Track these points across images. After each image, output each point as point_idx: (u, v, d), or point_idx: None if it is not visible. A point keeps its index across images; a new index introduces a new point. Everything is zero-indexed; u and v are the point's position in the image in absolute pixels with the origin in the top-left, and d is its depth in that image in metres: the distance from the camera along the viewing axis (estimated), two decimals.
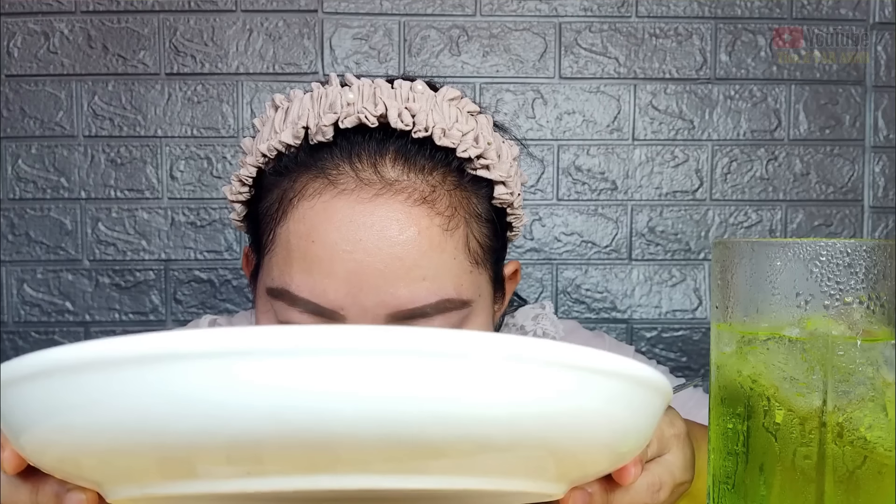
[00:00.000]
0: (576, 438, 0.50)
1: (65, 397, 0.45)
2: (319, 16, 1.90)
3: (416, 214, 0.87)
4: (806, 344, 0.57)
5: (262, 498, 0.58)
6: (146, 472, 0.48)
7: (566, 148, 1.94)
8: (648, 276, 1.97)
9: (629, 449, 0.56)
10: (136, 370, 0.43)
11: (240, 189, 0.96)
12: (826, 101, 1.95)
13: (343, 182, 0.87)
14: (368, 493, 0.49)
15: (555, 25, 1.92)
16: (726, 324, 0.61)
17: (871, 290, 0.57)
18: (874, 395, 0.57)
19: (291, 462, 0.46)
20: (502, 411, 0.46)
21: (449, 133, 0.89)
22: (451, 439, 0.46)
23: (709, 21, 1.93)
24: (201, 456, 0.46)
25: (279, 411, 0.43)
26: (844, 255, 0.56)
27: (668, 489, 0.66)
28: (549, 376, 0.47)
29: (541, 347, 0.47)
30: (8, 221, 1.92)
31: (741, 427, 0.60)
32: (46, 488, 0.59)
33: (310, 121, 0.89)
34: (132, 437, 0.45)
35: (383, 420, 0.44)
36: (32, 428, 0.48)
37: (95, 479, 0.52)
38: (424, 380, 0.45)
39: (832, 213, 1.97)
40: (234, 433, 0.44)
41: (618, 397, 0.50)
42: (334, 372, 0.43)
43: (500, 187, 0.93)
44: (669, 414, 0.69)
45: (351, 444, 0.45)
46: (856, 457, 0.57)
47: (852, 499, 0.58)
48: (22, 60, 1.89)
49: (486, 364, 0.45)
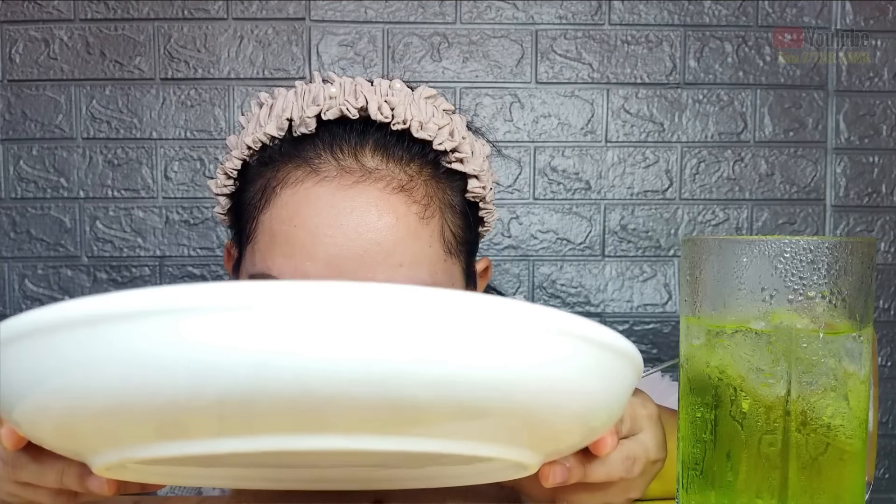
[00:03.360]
0: (551, 402, 0.49)
1: (45, 359, 0.44)
2: (307, 23, 1.90)
3: (394, 202, 0.87)
4: (771, 336, 0.57)
5: (246, 463, 0.58)
6: (125, 433, 0.47)
7: (542, 149, 1.94)
8: (621, 271, 1.97)
9: (603, 417, 0.55)
10: (108, 328, 0.43)
11: (225, 182, 0.95)
12: (790, 105, 1.95)
13: (325, 170, 0.87)
14: (345, 454, 0.48)
15: (531, 33, 1.92)
16: (695, 317, 0.61)
17: (833, 286, 0.57)
18: (836, 385, 0.57)
19: (267, 422, 0.45)
20: (479, 371, 0.45)
21: (426, 126, 0.89)
22: (423, 400, 0.45)
23: (678, 28, 1.93)
24: (175, 414, 0.45)
25: (259, 370, 0.42)
26: (807, 252, 0.56)
27: (641, 464, 0.66)
28: (528, 338, 0.47)
29: (521, 310, 0.46)
30: (10, 219, 1.91)
31: (709, 416, 0.60)
32: (70, 471, 0.59)
33: (293, 113, 0.89)
34: (115, 396, 0.44)
35: (362, 379, 0.43)
36: (24, 395, 0.47)
37: (77, 448, 0.51)
38: (400, 337, 0.44)
39: (796, 211, 1.97)
40: (203, 389, 0.43)
41: (592, 363, 0.50)
42: (315, 329, 0.43)
43: (474, 181, 0.93)
44: (641, 396, 0.69)
45: (331, 404, 0.44)
46: (818, 444, 0.57)
47: (815, 484, 0.58)
48: (23, 66, 1.89)
49: (462, 318, 0.45)
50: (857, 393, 0.58)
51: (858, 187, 1.97)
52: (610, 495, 0.67)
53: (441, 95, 0.94)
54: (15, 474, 0.61)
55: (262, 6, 1.89)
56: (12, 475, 0.61)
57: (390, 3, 1.91)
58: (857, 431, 0.58)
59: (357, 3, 1.90)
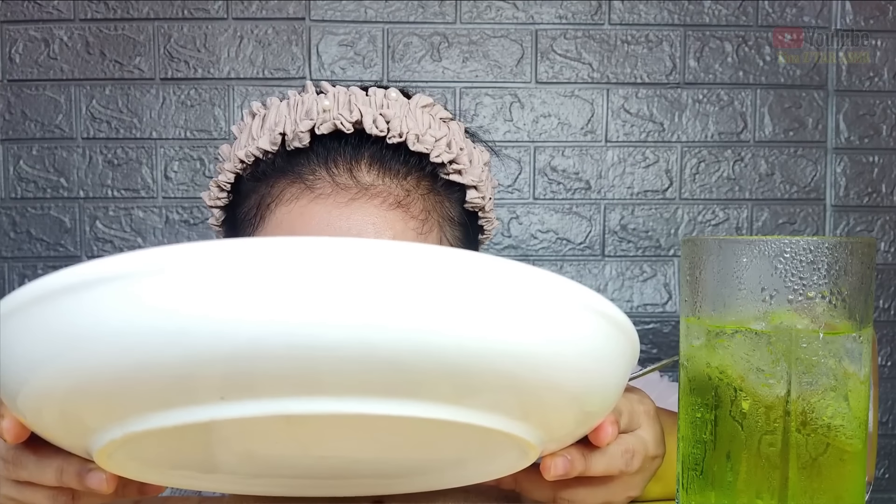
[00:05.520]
0: (552, 371, 0.49)
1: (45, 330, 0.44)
2: (307, 23, 1.90)
3: (391, 218, 0.86)
4: (771, 337, 0.57)
5: (246, 471, 0.57)
6: (127, 402, 0.47)
7: (542, 149, 1.94)
8: (621, 271, 1.97)
9: (602, 395, 0.55)
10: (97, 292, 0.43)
11: (218, 195, 0.95)
12: (790, 105, 1.95)
13: (320, 187, 0.87)
14: (357, 417, 0.48)
15: (531, 32, 1.92)
16: (695, 317, 0.61)
17: (833, 286, 0.57)
18: (836, 385, 0.57)
19: (267, 384, 0.45)
20: (475, 335, 0.45)
21: (422, 139, 0.88)
22: (414, 362, 0.45)
23: (678, 28, 1.93)
24: (179, 376, 0.44)
25: (257, 330, 0.42)
26: (807, 252, 0.56)
27: (640, 458, 0.66)
28: (530, 303, 0.47)
29: (526, 273, 0.46)
30: (10, 220, 1.91)
31: (709, 416, 0.60)
32: (69, 468, 0.59)
33: (286, 127, 0.88)
34: (114, 362, 0.44)
35: (363, 341, 0.43)
36: (29, 375, 0.47)
37: (80, 422, 0.51)
38: (394, 295, 0.43)
39: (796, 211, 1.97)
40: (204, 352, 0.43)
41: (594, 332, 0.50)
42: (315, 290, 0.42)
43: (472, 191, 0.93)
44: (639, 393, 0.69)
45: (329, 366, 0.44)
46: (818, 444, 0.57)
47: (815, 484, 0.57)
48: (23, 66, 1.89)
49: (456, 279, 0.45)
50: (857, 393, 0.58)
51: (858, 187, 1.97)
52: (610, 492, 0.67)
53: (438, 103, 0.94)
54: (15, 472, 0.61)
55: (262, 6, 1.89)
56: (12, 473, 0.61)
57: (390, 3, 1.91)
58: (857, 431, 0.58)
59: (357, 3, 1.90)
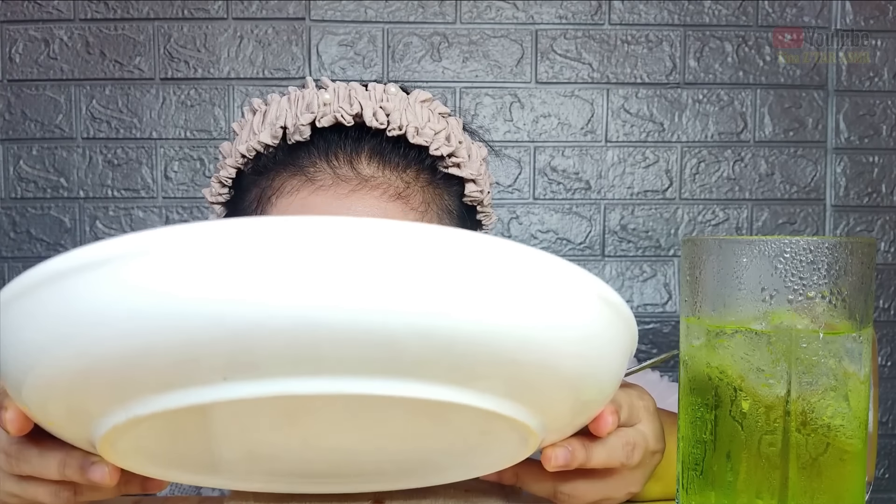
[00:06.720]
0: (552, 353, 0.49)
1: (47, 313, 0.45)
2: (307, 23, 1.90)
3: (391, 210, 0.86)
4: (771, 337, 0.57)
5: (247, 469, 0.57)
6: (128, 388, 0.47)
7: (542, 149, 1.94)
8: (621, 271, 1.97)
9: (601, 381, 0.55)
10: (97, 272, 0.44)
11: (219, 191, 0.95)
12: (790, 105, 1.95)
13: (320, 179, 0.87)
14: (358, 398, 0.47)
15: (531, 32, 1.92)
16: (695, 317, 0.61)
17: (833, 286, 0.57)
18: (836, 385, 0.57)
19: (270, 363, 0.45)
20: (477, 318, 0.45)
21: (422, 132, 0.88)
22: (411, 340, 0.45)
23: (678, 28, 1.93)
24: (178, 360, 0.45)
25: (257, 310, 0.42)
26: (807, 252, 0.56)
27: (640, 451, 0.66)
28: (533, 285, 0.47)
29: (529, 255, 0.46)
30: (10, 219, 1.91)
31: (709, 416, 0.60)
32: (72, 461, 0.59)
33: (287, 121, 0.89)
34: (122, 340, 0.44)
35: (365, 321, 0.43)
36: (34, 362, 0.47)
37: (85, 406, 0.51)
38: (394, 274, 0.44)
39: (796, 211, 1.97)
40: (205, 331, 0.43)
41: (595, 317, 0.50)
42: (316, 270, 0.43)
43: (471, 185, 0.93)
44: (638, 389, 0.69)
45: (330, 346, 0.44)
46: (818, 444, 0.57)
47: (815, 484, 0.57)
48: (23, 66, 1.89)
49: (456, 257, 0.45)
50: (857, 393, 0.58)
51: (858, 187, 1.97)
52: (610, 487, 0.67)
53: (437, 99, 0.94)
54: (17, 466, 0.61)
55: (262, 6, 1.89)
56: (14, 467, 0.61)
57: (390, 3, 1.91)
58: (857, 431, 0.58)
59: (357, 3, 1.90)
